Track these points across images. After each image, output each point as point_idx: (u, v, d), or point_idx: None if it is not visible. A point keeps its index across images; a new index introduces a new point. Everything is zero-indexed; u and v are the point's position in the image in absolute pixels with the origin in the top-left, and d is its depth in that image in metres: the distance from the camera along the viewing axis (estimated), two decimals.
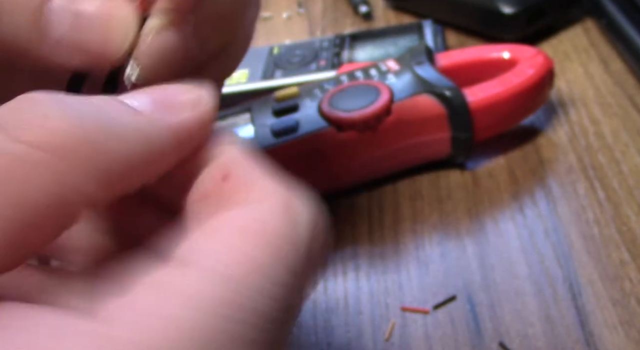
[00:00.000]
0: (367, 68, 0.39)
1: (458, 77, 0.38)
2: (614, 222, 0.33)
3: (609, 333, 0.28)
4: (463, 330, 0.30)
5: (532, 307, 0.30)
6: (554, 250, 0.32)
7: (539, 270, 0.32)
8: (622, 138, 0.38)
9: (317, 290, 0.33)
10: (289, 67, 0.48)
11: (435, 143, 0.37)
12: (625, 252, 0.32)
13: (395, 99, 0.36)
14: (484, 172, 0.38)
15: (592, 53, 0.46)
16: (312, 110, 0.37)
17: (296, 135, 0.35)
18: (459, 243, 0.34)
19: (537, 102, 0.39)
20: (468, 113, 0.36)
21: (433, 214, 0.36)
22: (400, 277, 0.33)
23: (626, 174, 0.36)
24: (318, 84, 0.39)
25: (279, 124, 0.36)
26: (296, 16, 0.59)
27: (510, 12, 0.46)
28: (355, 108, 0.35)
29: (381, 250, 0.34)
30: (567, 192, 0.35)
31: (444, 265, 0.33)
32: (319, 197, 0.18)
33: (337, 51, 0.48)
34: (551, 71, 0.39)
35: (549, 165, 0.37)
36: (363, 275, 0.33)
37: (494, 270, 0.32)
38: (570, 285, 0.31)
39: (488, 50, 0.41)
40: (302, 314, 0.32)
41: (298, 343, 0.31)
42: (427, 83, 0.36)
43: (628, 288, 0.30)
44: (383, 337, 0.30)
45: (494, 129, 0.38)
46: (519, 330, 0.29)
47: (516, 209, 0.35)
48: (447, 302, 0.31)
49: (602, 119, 0.40)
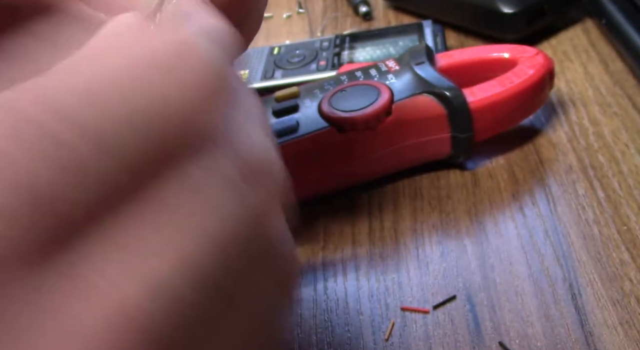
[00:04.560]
0: (367, 68, 0.39)
1: (458, 77, 0.38)
2: (614, 222, 0.33)
3: (608, 333, 0.28)
4: (463, 330, 0.30)
5: (532, 307, 0.30)
6: (554, 250, 0.32)
7: (539, 270, 0.32)
8: (622, 138, 0.38)
9: (317, 290, 0.33)
10: (289, 67, 0.48)
11: (435, 143, 0.37)
12: (625, 252, 0.32)
13: (396, 99, 0.36)
14: (484, 172, 0.38)
15: (592, 53, 0.46)
16: (312, 111, 0.37)
17: (296, 136, 0.35)
18: (459, 243, 0.34)
19: (537, 102, 0.39)
20: (468, 113, 0.36)
21: (433, 214, 0.36)
22: (400, 277, 0.33)
23: (626, 174, 0.36)
24: (318, 84, 0.39)
25: (279, 124, 0.36)
26: (296, 16, 0.59)
27: (510, 12, 0.46)
28: (355, 108, 0.35)
29: (381, 250, 0.34)
30: (567, 192, 0.35)
31: (444, 265, 0.33)
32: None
33: (337, 51, 0.48)
34: (551, 71, 0.39)
35: (549, 165, 0.37)
36: (363, 275, 0.33)
37: (494, 270, 0.32)
38: (570, 285, 0.31)
39: (488, 50, 0.41)
40: (302, 313, 0.32)
41: (298, 343, 0.31)
42: (427, 83, 0.36)
43: (628, 288, 0.30)
44: (383, 337, 0.30)
45: (494, 129, 0.38)
46: (519, 330, 0.29)
47: (516, 209, 0.35)
48: (447, 302, 0.31)
49: (602, 119, 0.40)
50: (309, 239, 0.36)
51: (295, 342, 0.31)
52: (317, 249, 0.35)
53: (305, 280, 0.34)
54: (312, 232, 0.37)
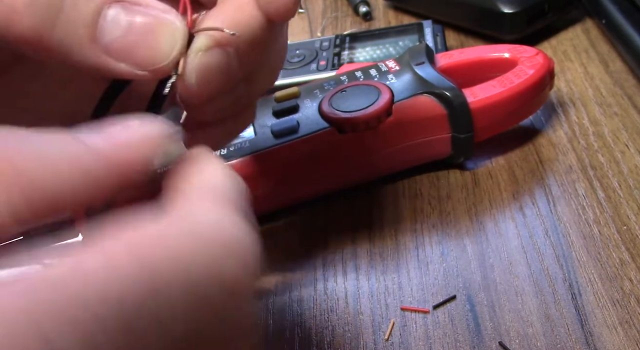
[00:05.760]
0: (367, 68, 0.39)
1: (458, 77, 0.38)
2: (614, 222, 0.33)
3: (608, 333, 0.28)
4: (463, 330, 0.30)
5: (532, 307, 0.30)
6: (554, 250, 0.32)
7: (539, 270, 0.32)
8: (622, 138, 0.38)
9: (317, 290, 0.33)
10: (289, 67, 0.48)
11: (436, 143, 0.37)
12: (625, 252, 0.32)
13: (396, 100, 0.36)
14: (484, 172, 0.38)
15: (592, 53, 0.46)
16: (313, 111, 0.37)
17: (297, 136, 0.35)
18: (459, 243, 0.34)
19: (537, 102, 0.39)
20: (468, 113, 0.36)
21: (433, 214, 0.36)
22: (400, 277, 0.33)
23: (626, 174, 0.36)
24: (318, 84, 0.39)
25: (279, 125, 0.36)
26: (296, 16, 0.59)
27: (510, 12, 0.46)
28: (356, 109, 0.35)
29: (381, 250, 0.34)
30: (567, 192, 0.35)
31: (444, 265, 0.33)
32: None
33: (337, 51, 0.48)
34: (551, 71, 0.39)
35: (549, 165, 0.37)
36: (363, 275, 0.33)
37: (494, 270, 0.32)
38: (570, 285, 0.31)
39: (488, 50, 0.41)
40: (302, 313, 0.32)
41: (298, 343, 0.31)
42: (427, 83, 0.36)
43: (628, 288, 0.30)
44: (383, 337, 0.30)
45: (494, 129, 0.38)
46: (519, 330, 0.29)
47: (516, 209, 0.35)
48: (447, 302, 0.31)
49: (602, 119, 0.40)
50: (309, 239, 0.36)
51: (296, 342, 0.31)
52: (317, 249, 0.35)
53: (305, 280, 0.34)
54: (312, 232, 0.37)
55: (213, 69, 0.22)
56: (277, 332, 0.31)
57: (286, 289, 0.34)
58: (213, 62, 0.21)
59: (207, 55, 0.21)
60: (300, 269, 0.34)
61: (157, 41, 0.20)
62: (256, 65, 0.25)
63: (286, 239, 0.36)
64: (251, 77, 0.25)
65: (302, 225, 0.37)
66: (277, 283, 0.34)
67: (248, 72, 0.24)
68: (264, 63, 0.25)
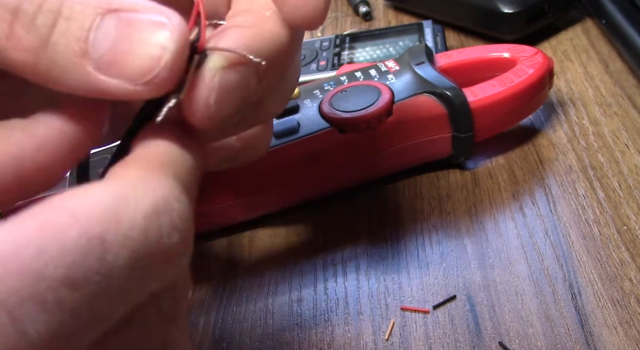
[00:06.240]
0: (367, 68, 0.39)
1: (458, 77, 0.38)
2: (614, 222, 0.33)
3: (608, 333, 0.28)
4: (463, 330, 0.30)
5: (532, 307, 0.30)
6: (554, 250, 0.33)
7: (539, 270, 0.32)
8: (622, 138, 0.38)
9: (317, 290, 0.33)
10: None
11: (436, 143, 0.37)
12: (625, 252, 0.32)
13: (396, 99, 0.36)
14: (484, 172, 0.38)
15: (592, 53, 0.46)
16: (313, 111, 0.37)
17: (297, 137, 0.35)
18: (459, 243, 0.34)
19: (537, 101, 0.39)
20: (469, 113, 0.36)
21: (433, 214, 0.36)
22: (400, 277, 0.33)
23: (626, 174, 0.36)
24: (318, 85, 0.39)
25: (280, 125, 0.36)
26: None
27: (510, 12, 0.46)
28: (356, 109, 0.35)
29: (381, 250, 0.35)
30: (567, 192, 0.35)
31: (444, 265, 0.33)
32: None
33: (337, 51, 0.48)
34: (551, 71, 0.39)
35: (549, 165, 0.37)
36: (363, 275, 0.33)
37: (494, 270, 0.32)
38: (570, 285, 0.31)
39: (488, 50, 0.41)
40: (302, 313, 0.32)
41: (298, 343, 0.31)
42: (427, 83, 0.36)
43: (628, 288, 0.30)
44: (383, 337, 0.30)
45: (494, 128, 0.38)
46: (519, 330, 0.29)
47: (516, 208, 0.35)
48: (447, 302, 0.31)
49: (602, 119, 0.40)
50: (309, 239, 0.36)
51: (295, 342, 0.31)
52: (317, 249, 0.35)
53: (305, 280, 0.34)
54: (312, 232, 0.37)
55: (231, 89, 0.19)
56: (277, 332, 0.31)
57: (286, 289, 0.34)
58: (233, 81, 0.19)
59: (226, 75, 0.19)
60: (300, 269, 0.35)
61: (143, 47, 0.17)
62: (275, 84, 0.22)
63: (286, 239, 0.36)
64: (262, 98, 0.22)
65: (302, 225, 0.37)
66: (277, 283, 0.34)
67: (269, 89, 0.22)
68: (279, 83, 0.23)
